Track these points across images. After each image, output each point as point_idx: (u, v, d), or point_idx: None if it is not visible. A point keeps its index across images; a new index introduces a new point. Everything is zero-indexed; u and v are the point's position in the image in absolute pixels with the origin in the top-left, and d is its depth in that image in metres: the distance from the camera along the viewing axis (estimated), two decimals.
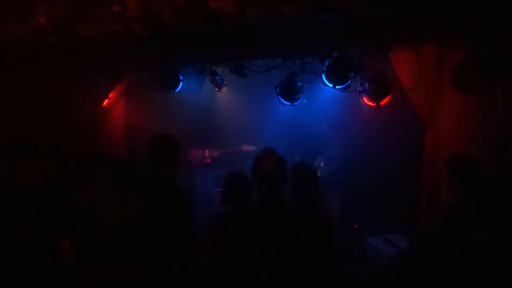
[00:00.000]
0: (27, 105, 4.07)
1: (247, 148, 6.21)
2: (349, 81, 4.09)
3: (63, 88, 4.30)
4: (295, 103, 4.66)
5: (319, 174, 5.04)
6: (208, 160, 6.30)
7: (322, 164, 5.70)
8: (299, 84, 4.52)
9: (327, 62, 4.10)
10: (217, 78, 5.20)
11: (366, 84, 4.13)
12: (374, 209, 4.81)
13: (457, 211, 2.99)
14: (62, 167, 2.62)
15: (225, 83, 5.45)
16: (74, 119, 4.47)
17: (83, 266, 2.04)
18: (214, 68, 5.00)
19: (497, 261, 2.61)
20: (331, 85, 4.11)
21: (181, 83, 5.02)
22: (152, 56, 4.19)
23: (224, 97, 6.50)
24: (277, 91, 4.52)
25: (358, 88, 4.29)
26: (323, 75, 4.14)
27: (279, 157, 2.37)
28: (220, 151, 6.27)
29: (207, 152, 6.29)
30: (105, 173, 3.31)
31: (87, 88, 4.70)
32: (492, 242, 2.68)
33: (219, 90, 5.59)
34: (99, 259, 2.00)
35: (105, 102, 5.11)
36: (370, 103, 4.23)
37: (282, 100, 4.60)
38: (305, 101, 5.11)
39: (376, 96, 4.12)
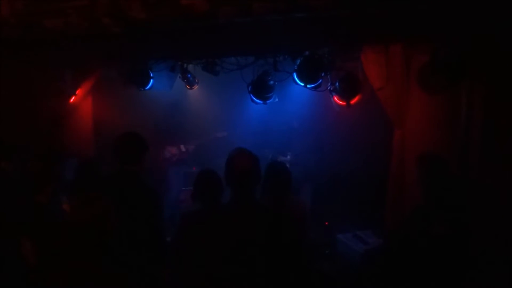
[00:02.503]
0: None
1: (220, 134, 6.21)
2: (320, 80, 4.15)
3: (27, 83, 4.13)
4: (267, 102, 4.68)
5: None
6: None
7: (293, 162, 5.75)
8: (271, 82, 4.54)
9: (298, 61, 4.13)
10: (189, 75, 5.15)
11: (337, 84, 4.18)
12: (344, 206, 4.89)
13: (425, 207, 3.08)
14: (18, 165, 2.53)
15: (196, 81, 5.40)
16: (38, 115, 4.30)
17: (45, 267, 1.96)
18: (185, 65, 4.95)
19: (462, 255, 2.72)
20: (302, 84, 4.15)
21: (151, 80, 4.94)
22: (121, 52, 4.09)
23: (196, 95, 6.45)
24: (249, 89, 4.52)
25: (328, 87, 4.34)
26: (295, 74, 4.17)
27: (252, 156, 2.35)
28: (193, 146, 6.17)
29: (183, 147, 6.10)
30: (68, 172, 3.21)
31: (53, 84, 4.54)
32: (457, 236, 2.78)
33: (191, 88, 5.54)
34: (63, 259, 1.93)
35: (72, 99, 4.96)
36: (340, 102, 4.29)
37: (254, 98, 4.61)
38: (277, 99, 5.14)
39: (346, 95, 4.18)
